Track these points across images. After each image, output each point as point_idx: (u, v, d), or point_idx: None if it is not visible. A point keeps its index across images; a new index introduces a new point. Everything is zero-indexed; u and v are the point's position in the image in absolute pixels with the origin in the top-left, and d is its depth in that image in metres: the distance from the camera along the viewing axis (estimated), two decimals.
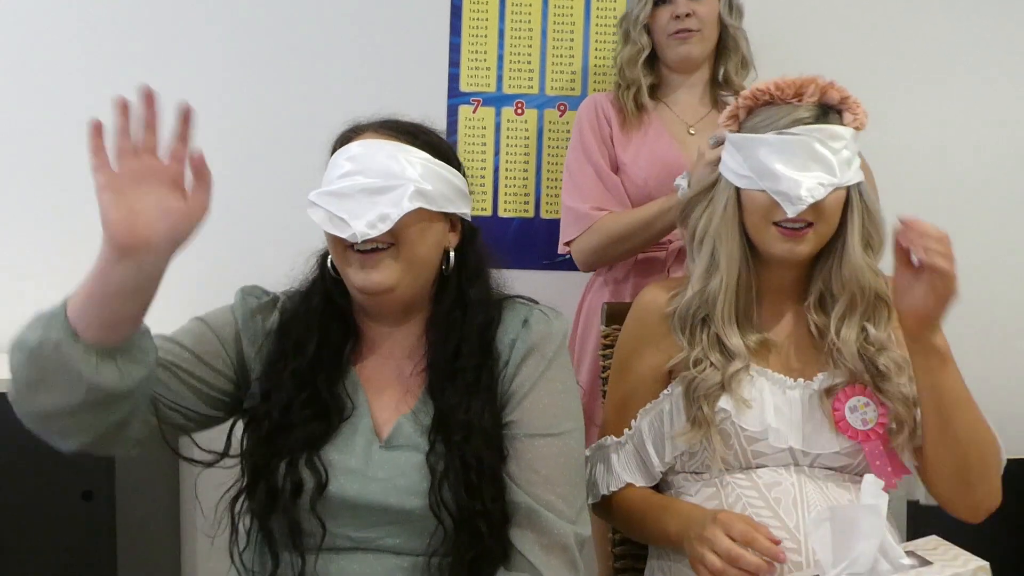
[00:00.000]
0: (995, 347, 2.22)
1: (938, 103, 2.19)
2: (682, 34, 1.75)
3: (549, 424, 1.10)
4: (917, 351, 1.15)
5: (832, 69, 1.27)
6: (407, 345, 1.16)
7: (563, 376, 1.14)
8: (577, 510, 1.10)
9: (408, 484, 1.05)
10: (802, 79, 1.20)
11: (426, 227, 1.10)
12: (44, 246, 2.08)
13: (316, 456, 1.06)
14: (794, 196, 1.15)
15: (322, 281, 1.17)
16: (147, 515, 1.88)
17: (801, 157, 1.16)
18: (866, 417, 1.20)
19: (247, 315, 1.16)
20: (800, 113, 1.19)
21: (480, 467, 1.05)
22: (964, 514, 1.19)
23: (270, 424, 1.09)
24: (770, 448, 1.20)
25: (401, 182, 1.07)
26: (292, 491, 1.04)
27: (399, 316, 1.16)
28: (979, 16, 2.18)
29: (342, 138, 1.16)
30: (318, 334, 1.13)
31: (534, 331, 1.14)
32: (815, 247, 1.21)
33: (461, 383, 1.09)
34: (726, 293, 1.22)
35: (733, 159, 1.23)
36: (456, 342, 1.11)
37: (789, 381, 1.24)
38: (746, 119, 1.24)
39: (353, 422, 1.11)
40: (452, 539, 1.04)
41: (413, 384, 1.13)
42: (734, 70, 1.82)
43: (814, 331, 1.26)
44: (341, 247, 1.09)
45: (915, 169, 2.19)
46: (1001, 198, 2.21)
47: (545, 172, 2.14)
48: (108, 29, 2.06)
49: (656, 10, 1.77)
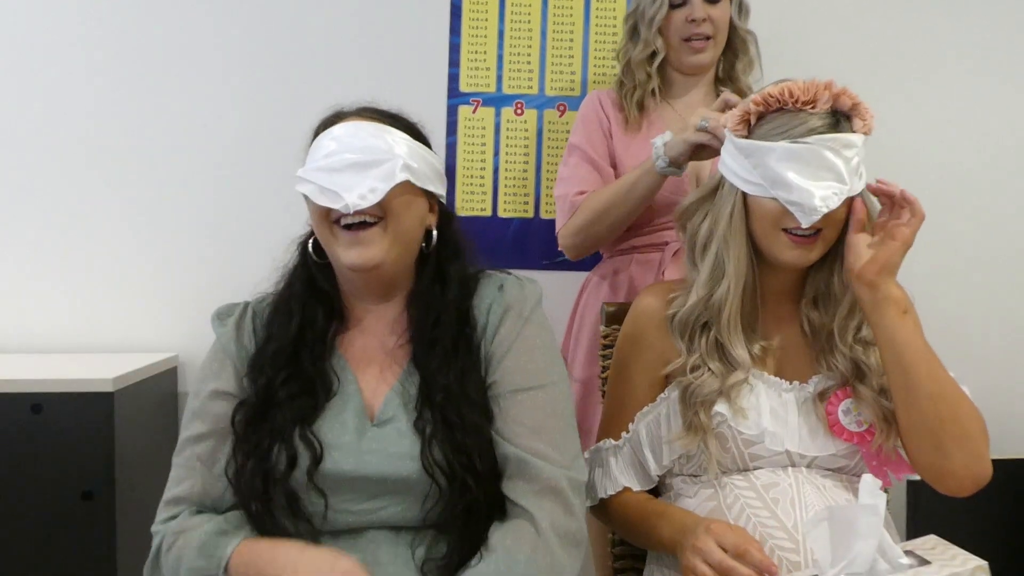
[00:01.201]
0: (995, 347, 2.22)
1: (937, 103, 2.19)
2: (697, 42, 1.72)
3: (531, 378, 1.14)
4: (876, 303, 1.15)
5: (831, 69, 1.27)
6: (389, 320, 1.19)
7: (541, 333, 1.18)
8: (571, 457, 1.12)
9: (401, 451, 1.08)
10: (814, 85, 1.17)
11: (411, 200, 1.14)
12: (45, 246, 2.09)
13: (308, 431, 1.09)
14: (808, 207, 1.13)
15: (303, 267, 1.20)
16: (147, 515, 1.88)
17: (813, 166, 1.15)
18: (861, 418, 1.20)
19: (234, 341, 1.19)
20: (814, 123, 1.16)
21: (463, 425, 1.08)
22: (950, 485, 1.15)
23: (255, 405, 1.12)
24: (767, 451, 1.20)
25: (389, 157, 1.11)
26: (287, 465, 1.07)
27: (382, 293, 1.19)
28: (978, 16, 2.18)
29: (325, 123, 1.19)
30: (300, 315, 1.17)
31: (509, 293, 1.18)
32: (822, 252, 1.21)
33: (440, 350, 1.13)
34: (733, 300, 1.21)
35: (740, 165, 1.20)
36: (436, 313, 1.15)
37: (785, 384, 1.24)
38: (756, 125, 1.21)
39: (342, 399, 1.13)
40: (447, 498, 1.07)
41: (398, 357, 1.17)
42: (742, 70, 1.81)
43: (807, 331, 1.26)
44: (328, 225, 1.12)
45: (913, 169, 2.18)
46: (998, 197, 2.22)
47: (545, 172, 2.14)
48: (108, 29, 2.07)
49: (672, 12, 1.73)
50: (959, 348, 2.13)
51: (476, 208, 2.14)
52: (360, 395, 1.14)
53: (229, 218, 2.11)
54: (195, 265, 2.11)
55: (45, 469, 1.72)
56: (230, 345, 1.18)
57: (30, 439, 1.73)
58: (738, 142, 1.21)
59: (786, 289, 1.27)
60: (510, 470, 1.09)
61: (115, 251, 2.09)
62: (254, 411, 1.12)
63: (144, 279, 2.10)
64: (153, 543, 1.11)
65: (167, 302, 2.11)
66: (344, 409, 1.13)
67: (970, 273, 2.22)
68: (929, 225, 1.99)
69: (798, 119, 1.17)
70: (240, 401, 1.14)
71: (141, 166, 2.08)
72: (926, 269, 2.13)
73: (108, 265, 2.09)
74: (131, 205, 2.09)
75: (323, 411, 1.12)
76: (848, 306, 1.23)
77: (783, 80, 1.20)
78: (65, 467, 1.73)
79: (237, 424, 1.12)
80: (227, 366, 1.17)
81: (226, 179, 2.11)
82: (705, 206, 1.27)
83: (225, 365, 1.17)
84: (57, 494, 1.73)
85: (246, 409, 1.12)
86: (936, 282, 2.14)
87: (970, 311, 2.21)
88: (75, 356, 2.03)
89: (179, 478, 1.13)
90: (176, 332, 2.11)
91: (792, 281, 1.27)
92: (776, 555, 1.12)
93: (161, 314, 2.11)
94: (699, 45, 1.73)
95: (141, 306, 2.11)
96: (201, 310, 2.13)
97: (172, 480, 1.14)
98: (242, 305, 1.22)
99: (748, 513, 1.17)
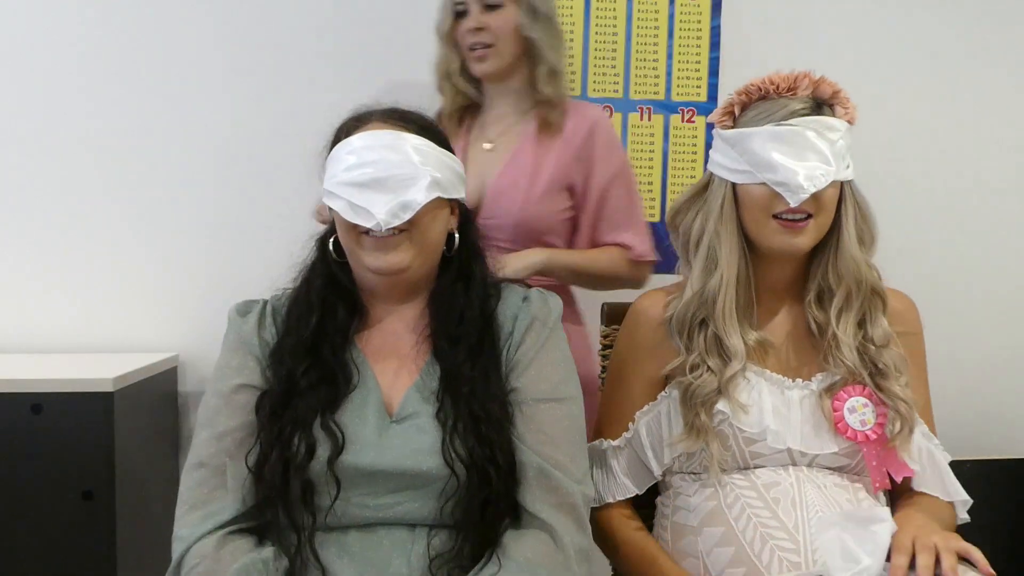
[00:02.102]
0: (994, 347, 2.22)
1: (933, 102, 2.19)
2: (478, 51, 1.63)
3: (553, 389, 1.15)
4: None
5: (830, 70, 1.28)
6: (410, 319, 1.20)
7: (562, 346, 1.21)
8: (583, 472, 1.14)
9: (421, 445, 1.08)
10: (795, 74, 1.22)
11: (437, 213, 1.16)
12: (45, 246, 2.09)
13: (331, 419, 1.09)
14: (794, 185, 1.16)
15: (323, 264, 1.21)
16: (147, 515, 1.88)
17: (798, 147, 1.18)
18: (864, 418, 1.20)
19: (256, 335, 1.18)
20: (795, 106, 1.20)
21: (488, 418, 1.09)
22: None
23: (278, 395, 1.12)
24: (768, 449, 1.20)
25: (417, 172, 1.12)
26: (306, 453, 1.07)
27: (404, 294, 1.20)
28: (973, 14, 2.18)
29: (347, 127, 1.18)
30: (320, 310, 1.17)
31: (535, 305, 1.20)
32: (814, 239, 1.22)
33: (464, 346, 1.14)
34: (726, 289, 1.22)
35: (727, 156, 1.24)
36: (460, 310, 1.17)
37: (788, 381, 1.24)
38: (740, 115, 1.25)
39: (362, 394, 1.14)
40: (464, 492, 1.07)
41: (418, 353, 1.17)
42: (543, 79, 1.66)
43: (814, 329, 1.26)
44: (356, 233, 1.13)
45: (913, 169, 2.19)
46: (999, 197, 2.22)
47: None
48: (108, 30, 2.06)
49: (456, 22, 1.65)
50: (959, 348, 2.16)
51: None
52: (379, 389, 1.14)
53: (229, 218, 2.11)
54: (195, 265, 2.11)
55: (45, 469, 1.72)
56: (252, 339, 1.17)
57: (30, 439, 1.73)
58: (724, 134, 1.25)
59: (783, 284, 1.28)
60: (529, 478, 1.09)
61: (115, 251, 2.09)
62: (277, 400, 1.12)
63: (144, 279, 2.10)
64: (175, 551, 1.07)
65: (167, 302, 2.11)
66: (365, 403, 1.13)
67: (970, 273, 2.22)
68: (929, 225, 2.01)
69: (780, 104, 1.21)
70: (263, 392, 1.13)
71: (141, 166, 2.08)
72: (927, 269, 2.14)
73: (108, 265, 2.09)
74: (131, 205, 2.09)
75: (344, 402, 1.12)
76: (843, 298, 1.23)
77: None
78: (65, 467, 1.73)
79: (261, 414, 1.11)
80: (249, 360, 1.16)
81: (226, 178, 2.10)
82: (696, 204, 1.29)
83: (247, 359, 1.16)
84: (57, 494, 1.73)
85: (270, 398, 1.12)
86: (936, 282, 2.14)
87: (970, 311, 2.21)
88: (75, 356, 2.03)
89: (204, 480, 1.09)
90: (176, 332, 2.11)
91: (788, 276, 1.27)
92: (776, 555, 1.13)
93: (161, 314, 2.11)
94: (480, 54, 1.64)
95: (141, 306, 2.10)
96: (201, 310, 2.16)
97: (197, 481, 1.10)
98: (261, 302, 1.22)
99: (749, 513, 1.17)
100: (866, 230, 1.25)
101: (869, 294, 1.24)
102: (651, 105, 2.15)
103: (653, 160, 2.16)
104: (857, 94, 1.26)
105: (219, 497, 1.08)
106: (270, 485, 1.07)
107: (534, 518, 1.07)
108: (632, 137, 2.15)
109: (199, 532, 1.05)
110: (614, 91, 2.15)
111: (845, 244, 1.22)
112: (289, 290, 1.22)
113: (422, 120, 1.20)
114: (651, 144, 2.16)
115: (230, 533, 1.06)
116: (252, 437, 1.11)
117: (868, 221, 1.26)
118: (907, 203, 2.16)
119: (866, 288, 1.23)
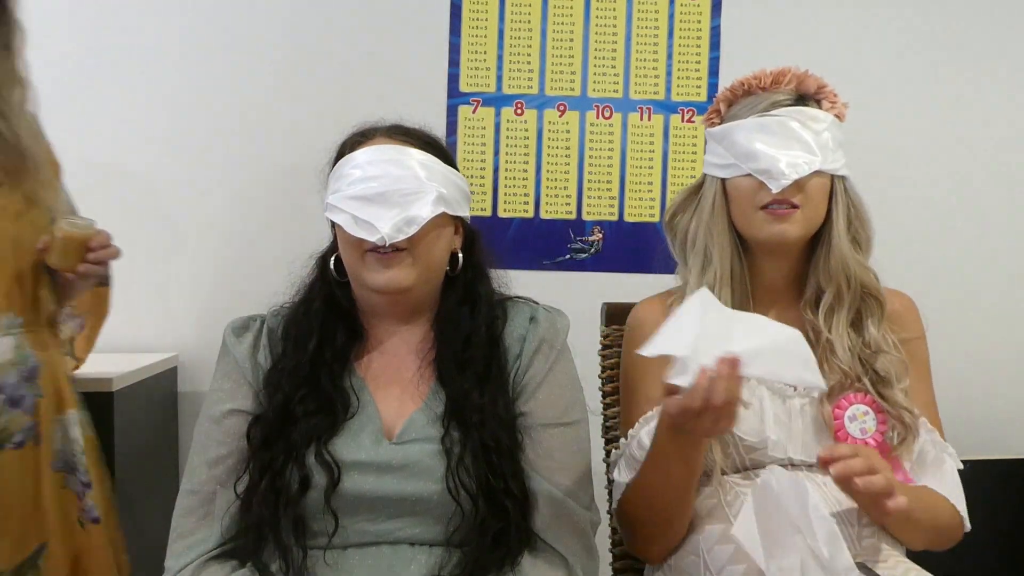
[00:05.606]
0: (994, 347, 2.22)
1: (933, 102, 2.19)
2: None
3: (561, 414, 1.14)
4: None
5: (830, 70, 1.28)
6: (413, 342, 1.18)
7: (570, 369, 1.20)
8: (591, 497, 1.14)
9: (424, 471, 1.07)
10: (779, 69, 1.24)
11: (441, 232, 1.14)
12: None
13: (324, 450, 1.07)
14: (776, 171, 1.16)
15: (322, 283, 1.18)
16: (147, 515, 1.88)
17: (781, 136, 1.18)
18: (865, 426, 1.20)
19: (249, 359, 1.16)
20: (779, 97, 1.22)
21: (498, 448, 1.08)
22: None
23: (272, 421, 1.10)
24: (768, 458, 1.20)
25: (423, 186, 1.10)
26: (299, 486, 1.05)
27: (406, 315, 1.18)
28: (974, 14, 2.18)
29: (351, 143, 1.17)
30: (319, 334, 1.15)
31: (542, 326, 1.18)
32: (803, 230, 1.21)
33: (472, 372, 1.12)
34: (721, 285, 1.22)
35: (715, 153, 1.25)
36: (466, 333, 1.14)
37: (789, 390, 1.23)
38: (727, 112, 1.26)
39: (360, 420, 1.12)
40: (471, 521, 1.06)
41: (422, 378, 1.15)
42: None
43: (811, 336, 1.25)
44: (359, 251, 1.11)
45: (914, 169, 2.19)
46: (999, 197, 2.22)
47: (544, 172, 2.14)
48: (108, 30, 2.06)
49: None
50: (960, 348, 2.16)
51: (476, 208, 2.14)
52: (379, 416, 1.12)
53: (229, 218, 2.11)
54: (195, 265, 2.11)
55: None
56: (246, 363, 1.15)
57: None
58: (711, 131, 1.27)
59: (780, 286, 1.28)
60: (540, 505, 1.09)
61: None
62: (270, 427, 1.10)
63: (144, 279, 2.09)
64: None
65: (167, 302, 2.11)
66: (362, 430, 1.11)
67: (970, 273, 2.22)
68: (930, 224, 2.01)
69: (763, 96, 1.23)
70: (256, 416, 1.12)
71: (141, 166, 2.08)
72: (927, 269, 2.14)
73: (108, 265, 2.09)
74: (131, 205, 2.09)
75: (340, 430, 1.10)
76: (832, 295, 1.23)
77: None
78: None
79: (253, 440, 1.10)
80: (242, 385, 1.14)
81: (226, 179, 2.10)
82: (691, 205, 1.30)
83: (240, 384, 1.15)
84: None
85: (262, 425, 1.10)
86: (936, 282, 2.14)
87: (970, 311, 2.21)
88: None
89: (193, 509, 1.10)
90: (176, 332, 2.11)
91: (785, 276, 1.27)
92: None
93: (161, 314, 2.11)
94: None
95: (141, 306, 2.10)
96: (201, 310, 2.16)
97: (186, 509, 1.10)
98: (259, 320, 1.20)
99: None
100: (860, 230, 1.24)
101: (862, 294, 1.23)
102: (651, 105, 2.16)
103: (653, 160, 2.16)
104: (857, 94, 1.26)
105: (206, 526, 1.09)
106: (258, 515, 1.05)
107: (546, 545, 1.08)
108: (632, 137, 2.16)
109: (182, 563, 1.06)
110: (614, 91, 2.15)
111: (835, 241, 1.22)
112: (287, 306, 1.20)
113: (427, 136, 1.19)
114: (651, 144, 2.16)
115: (208, 560, 1.06)
116: (244, 464, 1.10)
117: (863, 221, 1.25)
118: (907, 203, 2.17)
119: (856, 286, 1.22)
